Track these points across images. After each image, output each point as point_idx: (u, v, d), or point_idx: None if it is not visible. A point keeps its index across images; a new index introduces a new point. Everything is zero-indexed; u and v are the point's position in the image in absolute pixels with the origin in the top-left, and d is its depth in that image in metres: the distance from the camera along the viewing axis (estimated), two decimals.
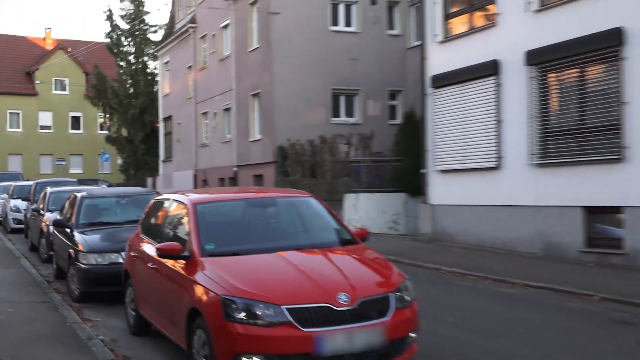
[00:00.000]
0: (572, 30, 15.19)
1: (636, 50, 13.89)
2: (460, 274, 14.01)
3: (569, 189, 15.44)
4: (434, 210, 19.71)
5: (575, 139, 15.51)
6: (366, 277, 6.82)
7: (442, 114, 19.35)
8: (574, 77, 15.67)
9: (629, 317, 9.89)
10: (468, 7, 19.04)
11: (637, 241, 14.00)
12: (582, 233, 15.27)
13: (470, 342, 8.41)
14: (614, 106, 14.44)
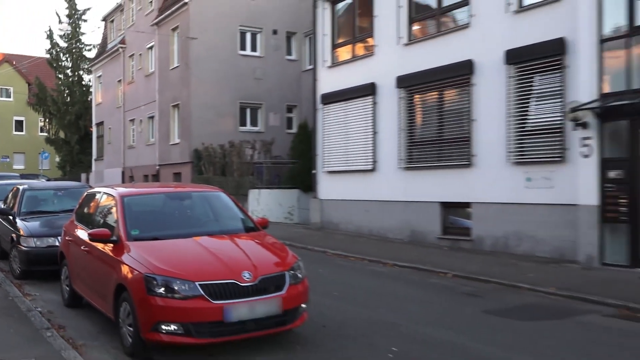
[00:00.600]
0: (433, 60, 15.49)
1: (482, 78, 14.31)
2: (343, 256, 14.04)
3: (430, 188, 15.71)
4: (322, 204, 19.74)
5: (435, 148, 15.77)
6: (266, 258, 6.79)
7: (330, 125, 19.40)
8: (434, 98, 15.96)
9: (475, 290, 10.13)
10: (351, 39, 19.16)
11: (481, 230, 14.40)
12: (439, 223, 15.59)
13: (350, 311, 8.42)
14: (465, 122, 14.80)
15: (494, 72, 13.94)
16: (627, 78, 11.31)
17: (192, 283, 6.01)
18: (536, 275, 10.86)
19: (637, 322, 7.91)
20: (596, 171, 11.59)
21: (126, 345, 6.44)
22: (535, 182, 13.11)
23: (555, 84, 12.76)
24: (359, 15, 18.81)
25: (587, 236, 11.69)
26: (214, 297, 5.99)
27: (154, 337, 6.05)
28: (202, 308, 5.93)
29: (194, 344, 6.04)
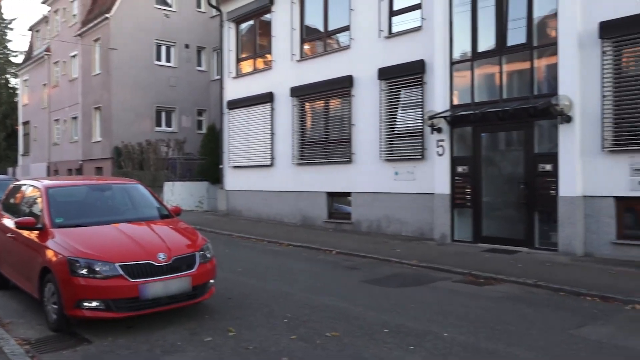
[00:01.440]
0: (321, 75, 15.57)
1: (360, 90, 14.54)
2: (245, 238, 13.86)
3: (318, 180, 15.79)
4: (228, 194, 19.38)
5: (322, 147, 15.86)
6: (179, 241, 6.54)
7: (234, 127, 19.04)
8: (321, 106, 16.05)
9: (355, 264, 10.27)
10: (253, 54, 18.89)
11: (359, 214, 14.66)
12: (326, 210, 15.71)
13: (251, 284, 8.30)
14: (347, 126, 14.98)
15: (370, 85, 14.19)
16: (471, 93, 11.87)
17: (112, 264, 5.76)
18: (402, 251, 11.17)
19: (479, 286, 8.33)
20: (448, 167, 12.07)
21: (51, 321, 6.06)
22: (401, 176, 13.47)
23: (417, 96, 13.16)
24: (260, 35, 18.57)
25: (441, 218, 12.17)
26: (132, 276, 5.77)
27: (77, 313, 5.75)
28: (121, 286, 5.70)
29: (113, 317, 5.78)
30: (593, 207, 10.03)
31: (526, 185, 10.85)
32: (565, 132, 10.21)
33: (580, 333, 5.83)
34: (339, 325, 6.08)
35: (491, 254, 10.59)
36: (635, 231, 9.79)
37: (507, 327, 6.04)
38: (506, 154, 11.82)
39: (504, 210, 11.58)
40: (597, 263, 9.46)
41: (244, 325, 6.08)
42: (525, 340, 5.57)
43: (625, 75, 9.78)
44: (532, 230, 10.85)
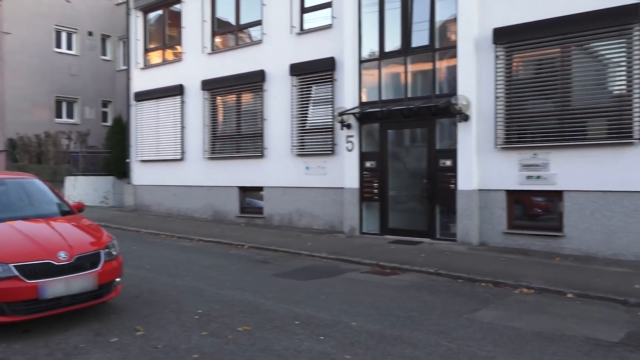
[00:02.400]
0: (232, 68, 15.40)
1: (272, 85, 14.54)
2: (154, 234, 13.48)
3: (230, 175, 15.61)
4: (135, 189, 18.73)
5: (234, 142, 15.70)
6: (81, 238, 6.22)
7: (143, 120, 18.39)
8: (233, 100, 15.87)
9: (266, 258, 10.29)
10: (162, 45, 18.32)
11: (270, 209, 14.68)
12: (237, 204, 15.58)
13: (161, 281, 8.08)
14: (259, 121, 14.93)
15: (282, 81, 14.22)
16: (378, 91, 12.26)
17: (6, 265, 5.39)
18: (313, 244, 11.32)
19: (386, 276, 8.67)
20: (357, 162, 12.38)
21: None
22: (312, 170, 13.63)
23: (327, 92, 13.36)
24: (169, 25, 18.03)
25: (350, 212, 12.47)
26: (28, 277, 5.42)
27: None
28: (16, 288, 5.33)
29: (8, 322, 5.39)
30: (487, 200, 10.74)
31: (428, 179, 11.39)
32: (463, 130, 10.84)
33: (475, 317, 6.28)
34: (250, 319, 6.09)
35: (397, 245, 11.01)
36: (523, 221, 10.61)
37: (410, 313, 6.37)
38: (411, 150, 12.32)
39: (408, 203, 12.07)
40: (490, 251, 10.16)
41: (153, 324, 5.92)
42: (426, 325, 5.92)
43: (515, 79, 10.55)
44: (434, 222, 11.43)
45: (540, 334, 5.64)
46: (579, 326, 5.93)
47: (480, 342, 5.38)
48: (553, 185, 10.00)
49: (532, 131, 10.32)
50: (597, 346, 5.27)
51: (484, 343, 5.36)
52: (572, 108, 9.84)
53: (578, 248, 9.74)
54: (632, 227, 9.23)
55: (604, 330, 5.79)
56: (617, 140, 9.28)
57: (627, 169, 9.22)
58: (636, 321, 6.14)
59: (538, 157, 10.13)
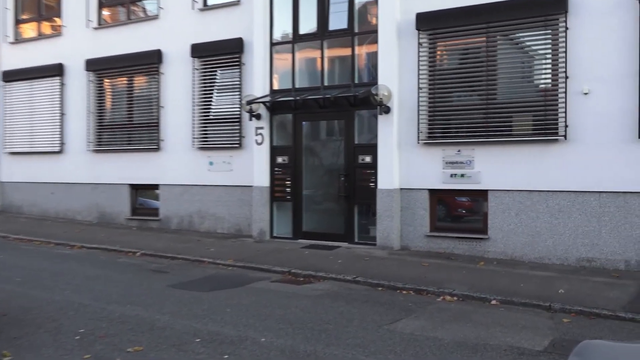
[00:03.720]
0: (123, 47, 14.93)
1: (170, 68, 14.25)
2: (26, 240, 12.83)
3: (119, 170, 15.17)
4: (3, 187, 17.69)
5: (125, 132, 15.26)
6: None
7: (13, 104, 17.37)
8: (125, 83, 15.39)
9: (162, 266, 10.14)
10: (37, 16, 17.39)
11: (168, 210, 14.43)
12: (128, 205, 15.20)
13: (34, 295, 7.69)
14: (155, 109, 14.60)
15: (181, 63, 13.98)
16: (292, 78, 12.35)
17: None
18: (217, 250, 11.26)
19: (298, 285, 8.76)
20: (267, 156, 12.43)
21: None
22: (217, 166, 13.54)
23: (234, 78, 13.29)
24: None
25: (259, 213, 12.49)
26: None
27: None
28: None
29: None
30: (409, 199, 11.08)
31: (346, 177, 11.59)
32: (384, 123, 11.11)
33: (395, 327, 6.46)
34: (142, 338, 5.94)
35: (311, 251, 11.15)
36: (445, 223, 11.07)
37: (326, 326, 6.45)
38: (327, 144, 12.50)
39: (324, 203, 12.25)
40: (412, 256, 10.50)
41: (24, 347, 5.62)
42: (343, 338, 6.01)
43: (439, 69, 10.97)
44: (352, 225, 11.66)
45: (464, 344, 5.88)
46: (503, 335, 6.24)
47: (401, 356, 5.52)
48: (477, 184, 10.46)
49: (457, 126, 10.76)
50: (521, 355, 5.57)
51: (404, 356, 5.51)
52: (498, 102, 10.33)
53: (503, 251, 10.25)
54: (556, 229, 9.83)
55: (528, 338, 6.13)
56: (543, 137, 9.84)
57: (552, 168, 9.81)
58: (560, 328, 6.56)
59: (462, 154, 10.56)
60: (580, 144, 9.57)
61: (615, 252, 9.38)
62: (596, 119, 9.45)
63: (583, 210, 9.61)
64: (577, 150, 9.60)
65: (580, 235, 9.64)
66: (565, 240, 9.74)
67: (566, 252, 9.73)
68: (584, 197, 9.60)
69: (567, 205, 9.72)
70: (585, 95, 9.53)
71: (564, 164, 9.72)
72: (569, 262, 9.69)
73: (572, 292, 7.88)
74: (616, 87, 9.32)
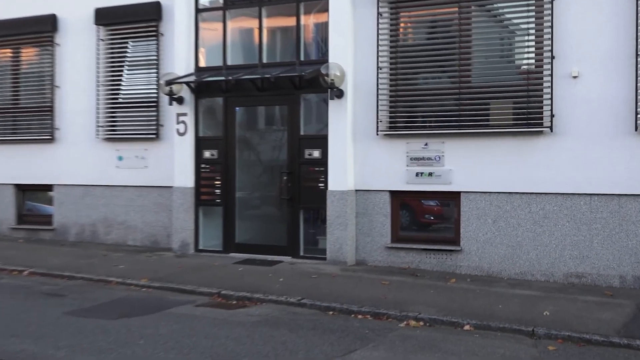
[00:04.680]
0: (6, 10, 14.53)
1: (68, 38, 14.03)
2: None
3: (2, 167, 14.80)
4: None
5: (9, 119, 14.90)
6: None
7: None
8: (8, 57, 15.00)
9: (57, 288, 9.91)
10: None
11: (63, 217, 14.18)
12: (13, 210, 14.88)
13: None
14: (47, 89, 14.33)
15: (83, 32, 13.76)
16: (223, 53, 12.28)
17: None
18: (128, 267, 11.11)
19: (230, 309, 8.68)
20: (192, 150, 12.36)
21: None
22: (128, 162, 13.39)
23: (150, 52, 13.18)
24: None
25: (182, 221, 12.39)
26: None
27: None
28: None
29: None
30: (367, 203, 11.16)
31: (290, 176, 11.58)
32: (336, 110, 11.16)
33: None
34: None
35: (247, 267, 11.11)
36: (410, 232, 11.21)
37: None
38: (266, 135, 12.51)
39: (262, 208, 12.24)
40: (370, 272, 10.57)
41: None
42: None
43: (402, 45, 11.12)
44: (297, 235, 11.69)
45: None
46: None
47: None
48: (448, 185, 10.61)
49: (423, 114, 10.90)
50: None
51: None
52: (472, 86, 10.48)
53: (478, 265, 10.44)
54: (541, 239, 10.05)
55: None
56: (525, 129, 10.04)
57: (536, 165, 10.02)
58: (545, 357, 6.70)
59: (430, 148, 10.70)
60: (569, 137, 9.80)
61: (609, 266, 9.63)
62: (587, 107, 9.68)
63: (572, 216, 9.84)
64: (565, 145, 9.82)
65: (568, 246, 9.85)
66: (550, 252, 9.95)
67: (552, 266, 9.95)
68: (572, 200, 9.83)
69: (553, 211, 9.94)
70: (574, 80, 9.74)
71: (549, 161, 9.92)
72: (555, 279, 9.91)
73: (559, 314, 8.05)
74: (610, 70, 9.55)
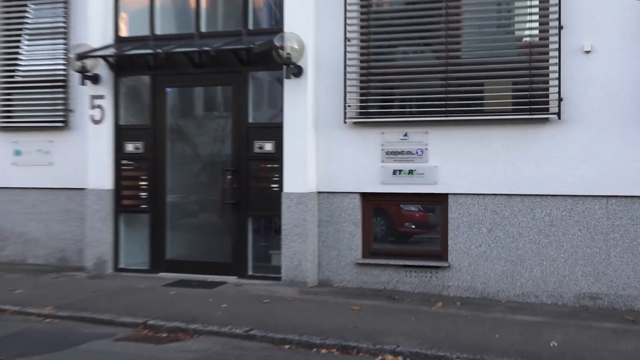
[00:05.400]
0: None
1: None
2: None
3: None
4: None
5: None
6: None
7: None
8: None
9: None
10: None
11: None
12: None
13: None
14: None
15: None
16: (150, 20, 12.19)
17: None
18: (28, 291, 10.92)
19: (159, 344, 8.41)
20: (110, 143, 12.31)
21: None
22: (28, 157, 13.31)
23: (56, 18, 13.07)
24: None
25: (97, 232, 12.26)
26: None
27: None
28: None
29: None
30: (332, 209, 10.99)
31: (235, 175, 11.44)
32: (293, 93, 10.98)
33: None
34: None
35: (180, 290, 10.92)
36: (387, 245, 11.14)
37: None
38: (206, 124, 12.49)
39: (201, 216, 12.16)
40: (336, 295, 10.39)
41: None
42: None
43: (376, 11, 10.96)
44: (245, 248, 11.56)
45: None
46: None
47: None
48: (433, 186, 10.46)
49: (402, 97, 10.81)
50: None
51: None
52: (462, 63, 10.38)
53: (470, 285, 10.29)
54: (547, 252, 9.92)
55: None
56: (527, 115, 9.93)
57: (541, 161, 9.88)
58: None
59: (410, 140, 10.56)
60: (580, 125, 9.72)
61: (630, 285, 9.54)
62: (602, 89, 9.64)
63: (584, 224, 9.75)
64: (576, 135, 9.74)
65: (580, 260, 9.76)
66: (559, 269, 9.85)
67: (560, 285, 9.85)
68: (585, 203, 9.73)
69: (562, 216, 9.86)
70: (586, 55, 9.69)
71: (557, 156, 9.83)
72: (564, 301, 9.82)
73: (569, 345, 7.94)
74: (631, 44, 9.49)
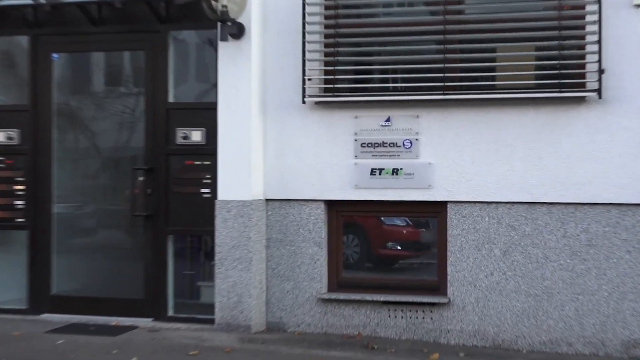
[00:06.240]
0: None
1: None
2: None
3: None
4: None
5: None
6: None
7: None
8: None
9: None
10: None
11: None
12: None
13: None
14: None
15: None
16: None
17: None
18: None
19: None
20: None
21: None
22: None
23: None
24: None
25: None
26: None
27: None
28: None
29: None
30: (286, 223, 10.73)
31: (150, 175, 11.30)
32: (232, 61, 10.74)
33: None
34: None
35: (72, 338, 10.56)
36: (362, 273, 11.11)
37: None
38: (109, 105, 12.38)
39: (102, 233, 12.23)
40: (292, 344, 10.05)
41: None
42: None
43: None
44: (164, 279, 11.45)
45: None
46: None
47: None
48: (426, 190, 10.24)
49: (384, 68, 10.98)
50: None
51: None
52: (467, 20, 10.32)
53: (478, 329, 10.00)
54: (584, 282, 9.63)
55: None
56: (556, 94, 9.71)
57: (574, 157, 9.65)
58: None
59: (395, 127, 10.35)
60: (628, 107, 9.62)
61: None
62: None
63: (635, 244, 9.56)
64: (623, 121, 9.63)
65: (629, 294, 9.56)
66: (600, 305, 9.61)
67: (603, 329, 9.61)
68: (636, 215, 9.57)
69: (604, 233, 9.63)
70: (636, 10, 9.58)
71: (597, 149, 9.65)
72: (607, 350, 9.58)
73: None
74: None
